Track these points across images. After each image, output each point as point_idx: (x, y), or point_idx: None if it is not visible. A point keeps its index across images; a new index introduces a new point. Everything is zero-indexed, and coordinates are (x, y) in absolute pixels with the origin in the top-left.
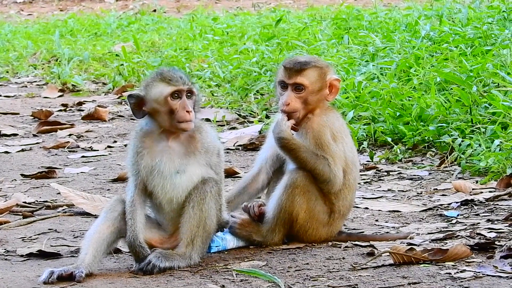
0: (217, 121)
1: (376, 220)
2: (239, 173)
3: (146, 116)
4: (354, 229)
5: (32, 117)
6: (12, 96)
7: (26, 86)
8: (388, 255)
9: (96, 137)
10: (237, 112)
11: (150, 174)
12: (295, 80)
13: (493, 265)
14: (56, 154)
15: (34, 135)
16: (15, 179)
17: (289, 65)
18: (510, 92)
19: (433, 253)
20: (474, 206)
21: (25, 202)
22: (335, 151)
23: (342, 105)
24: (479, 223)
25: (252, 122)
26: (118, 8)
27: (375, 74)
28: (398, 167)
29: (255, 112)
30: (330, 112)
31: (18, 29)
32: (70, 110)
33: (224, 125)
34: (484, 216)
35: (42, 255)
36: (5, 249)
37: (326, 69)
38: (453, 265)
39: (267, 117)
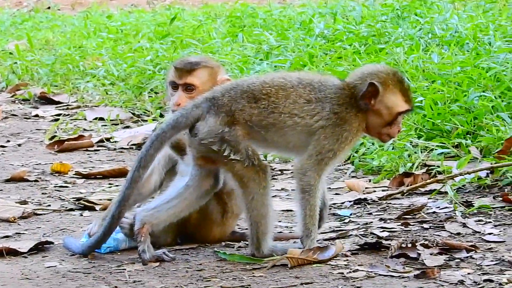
0: (111, 120)
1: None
2: None
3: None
4: (247, 229)
5: None
6: None
7: None
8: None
9: None
10: (131, 111)
11: None
12: (186, 81)
13: (386, 265)
14: None
15: None
16: None
17: (180, 66)
18: None
19: (320, 253)
20: (367, 205)
21: None
22: None
23: None
24: (372, 222)
25: (146, 121)
26: (12, 5)
27: (269, 72)
28: (292, 165)
29: (149, 111)
30: None
31: None
32: None
33: (118, 124)
34: (377, 215)
35: None
36: None
37: (217, 69)
38: (345, 265)
39: (161, 116)
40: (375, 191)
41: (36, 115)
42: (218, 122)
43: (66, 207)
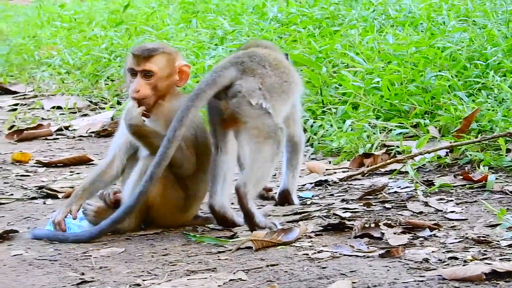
0: (68, 108)
1: (232, 203)
2: (93, 160)
3: None
4: (210, 213)
5: None
6: None
7: None
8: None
9: None
10: (88, 99)
11: None
12: (144, 67)
13: (350, 245)
14: None
15: None
16: None
17: (138, 52)
18: (359, 72)
19: (284, 235)
20: (328, 186)
21: None
22: (186, 135)
23: None
24: (334, 203)
25: (104, 108)
26: None
27: (225, 57)
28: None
29: (106, 99)
30: (181, 97)
31: None
32: None
33: (75, 112)
34: (339, 196)
35: None
36: None
37: (174, 55)
38: (310, 246)
39: (119, 103)
40: (335, 172)
41: None
42: (254, 80)
43: (28, 196)
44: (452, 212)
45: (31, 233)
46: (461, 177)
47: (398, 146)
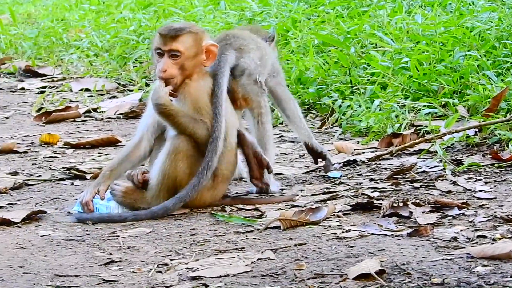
0: (96, 91)
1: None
2: (121, 142)
3: None
4: (237, 193)
5: None
6: None
7: None
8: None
9: None
10: (117, 81)
11: None
12: (171, 47)
13: (378, 224)
14: None
15: None
16: None
17: (164, 32)
18: (388, 52)
19: (312, 215)
20: (356, 166)
21: None
22: (211, 115)
23: None
24: (362, 183)
25: (132, 90)
26: None
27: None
28: (280, 130)
29: (134, 81)
30: (208, 77)
31: None
32: None
33: (104, 94)
34: (367, 176)
35: None
36: None
37: (201, 34)
38: (338, 226)
39: (147, 85)
40: (364, 152)
41: (22, 88)
42: (251, 56)
43: (56, 177)
44: (480, 191)
45: (83, 216)
46: (490, 156)
47: (426, 126)
